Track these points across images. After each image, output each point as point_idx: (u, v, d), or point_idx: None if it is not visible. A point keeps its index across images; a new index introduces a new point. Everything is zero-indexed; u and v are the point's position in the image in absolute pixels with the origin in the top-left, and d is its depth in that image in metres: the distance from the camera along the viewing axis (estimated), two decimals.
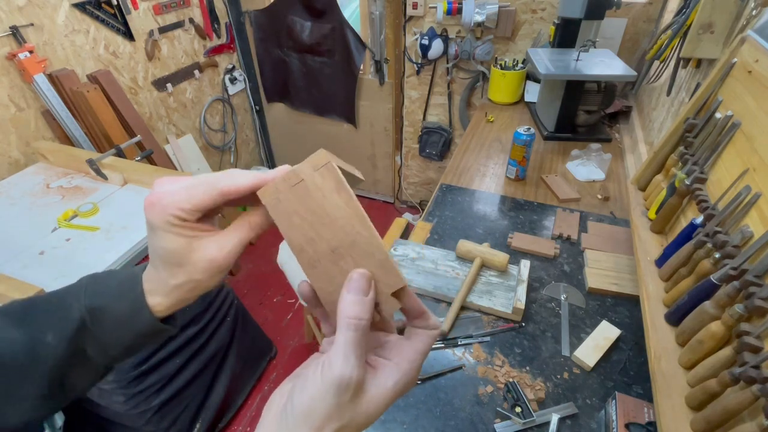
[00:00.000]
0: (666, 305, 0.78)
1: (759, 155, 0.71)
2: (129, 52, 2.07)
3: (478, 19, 2.03)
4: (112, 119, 1.90)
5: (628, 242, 1.20)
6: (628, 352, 0.94)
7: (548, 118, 1.80)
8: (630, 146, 1.68)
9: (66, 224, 1.35)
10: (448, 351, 0.95)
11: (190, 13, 2.34)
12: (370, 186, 3.09)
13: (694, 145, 0.89)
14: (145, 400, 1.33)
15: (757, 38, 0.81)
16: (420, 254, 1.16)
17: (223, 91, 2.72)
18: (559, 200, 1.42)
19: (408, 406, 0.85)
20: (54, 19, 1.75)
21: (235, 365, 1.68)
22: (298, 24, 2.48)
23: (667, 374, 0.68)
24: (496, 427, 0.81)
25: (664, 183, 0.97)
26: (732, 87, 0.85)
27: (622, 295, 1.07)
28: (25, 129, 1.73)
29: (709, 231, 0.72)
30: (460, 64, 2.31)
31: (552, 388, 0.88)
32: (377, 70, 2.48)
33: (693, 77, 1.27)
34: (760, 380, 0.51)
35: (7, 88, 1.64)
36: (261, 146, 3.20)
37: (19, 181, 1.57)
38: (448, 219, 1.35)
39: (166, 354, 1.38)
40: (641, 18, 1.90)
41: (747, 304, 0.58)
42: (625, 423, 0.76)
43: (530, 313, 1.03)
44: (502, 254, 1.08)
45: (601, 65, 1.63)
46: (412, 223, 1.32)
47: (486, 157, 1.69)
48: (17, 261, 1.22)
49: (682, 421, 0.62)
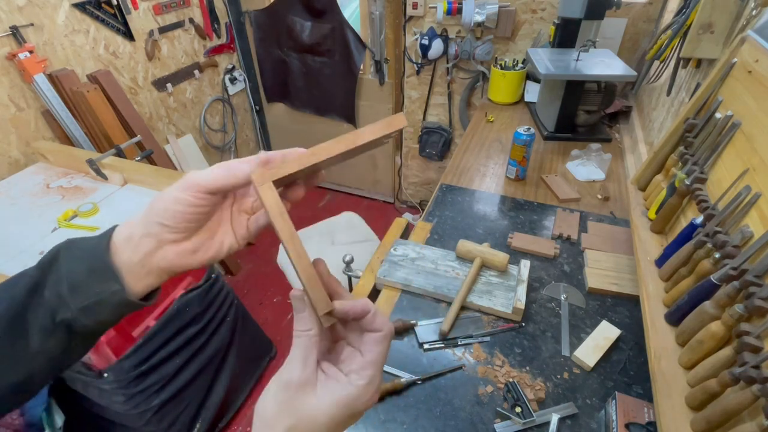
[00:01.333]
0: (666, 305, 0.78)
1: (759, 155, 0.71)
2: (129, 52, 2.07)
3: (478, 19, 2.03)
4: (112, 119, 1.90)
5: (628, 242, 1.20)
6: (628, 352, 0.94)
7: (548, 118, 1.80)
8: (630, 146, 1.68)
9: (66, 224, 1.35)
10: (448, 351, 0.95)
11: (190, 13, 2.34)
12: (370, 186, 3.09)
13: (694, 145, 0.89)
14: (145, 400, 1.33)
15: (757, 38, 0.81)
16: (420, 254, 1.16)
17: (223, 91, 2.72)
18: (559, 200, 1.41)
19: (408, 406, 0.85)
20: (54, 19, 1.75)
21: (235, 365, 1.67)
22: (298, 24, 2.48)
23: (667, 374, 0.68)
24: (496, 427, 0.81)
25: (664, 183, 0.97)
26: (732, 87, 0.85)
27: (622, 295, 1.07)
28: (25, 129, 1.73)
29: (709, 231, 0.72)
30: (460, 64, 2.31)
31: (552, 388, 0.88)
32: (377, 70, 2.48)
33: (693, 77, 1.27)
34: (760, 380, 0.51)
35: (7, 88, 1.64)
36: (261, 146, 3.20)
37: (19, 181, 1.57)
38: (448, 219, 1.35)
39: (166, 354, 1.38)
40: (641, 18, 1.90)
41: (747, 304, 0.58)
42: (625, 423, 0.76)
43: (530, 313, 1.03)
44: (502, 254, 1.08)
45: (601, 65, 1.63)
46: (412, 223, 1.32)
47: (486, 157, 1.69)
48: (17, 261, 1.22)
49: (682, 421, 0.62)
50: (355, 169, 3.01)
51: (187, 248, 0.38)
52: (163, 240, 0.36)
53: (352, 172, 3.05)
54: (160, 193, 0.36)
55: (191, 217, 0.36)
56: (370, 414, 0.84)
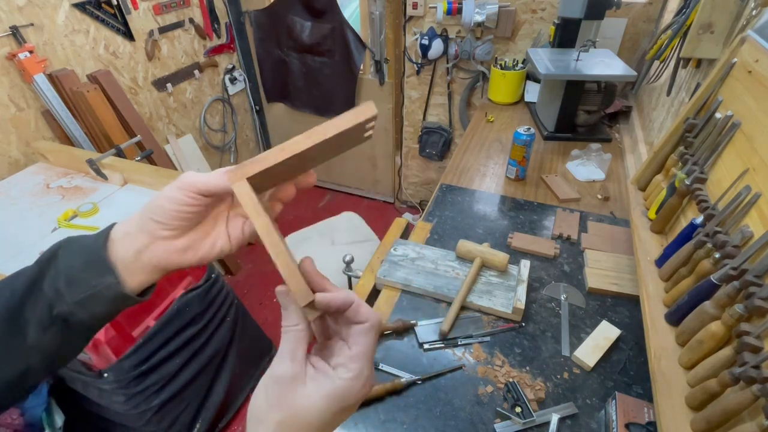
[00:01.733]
0: (666, 305, 0.78)
1: (759, 155, 0.71)
2: (129, 52, 2.07)
3: (478, 19, 2.03)
4: (112, 119, 1.90)
5: (628, 242, 1.20)
6: (628, 352, 0.94)
7: (548, 118, 1.80)
8: (630, 146, 1.68)
9: (66, 224, 1.35)
10: (448, 351, 0.95)
11: (190, 13, 2.34)
12: (370, 186, 3.09)
13: (694, 145, 0.89)
14: (145, 400, 1.33)
15: (757, 38, 0.81)
16: (420, 254, 1.16)
17: (223, 91, 2.72)
18: (559, 200, 1.41)
19: (408, 406, 0.85)
20: (54, 19, 1.75)
21: (235, 365, 1.67)
22: (298, 24, 2.48)
23: (667, 374, 0.68)
24: (496, 427, 0.81)
25: (664, 183, 0.97)
26: (732, 87, 0.85)
27: (622, 295, 1.07)
28: (25, 129, 1.73)
29: (709, 231, 0.72)
30: (460, 64, 2.31)
31: (552, 388, 0.88)
32: (377, 70, 2.48)
33: (693, 77, 1.27)
34: (760, 380, 0.51)
35: (7, 88, 1.64)
36: (261, 146, 3.20)
37: (19, 181, 1.57)
38: (448, 219, 1.35)
39: (166, 354, 1.38)
40: (641, 18, 1.90)
41: (747, 304, 0.58)
42: (625, 423, 0.76)
43: (530, 313, 1.03)
44: (502, 254, 1.08)
45: (601, 65, 1.63)
46: (412, 223, 1.32)
47: (486, 157, 1.69)
48: (17, 261, 1.22)
49: (682, 421, 0.62)
50: (355, 169, 3.02)
51: (178, 246, 0.38)
52: (155, 236, 0.37)
53: (352, 172, 3.05)
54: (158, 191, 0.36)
55: (184, 216, 0.37)
56: (370, 414, 0.84)
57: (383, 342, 0.97)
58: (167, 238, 0.37)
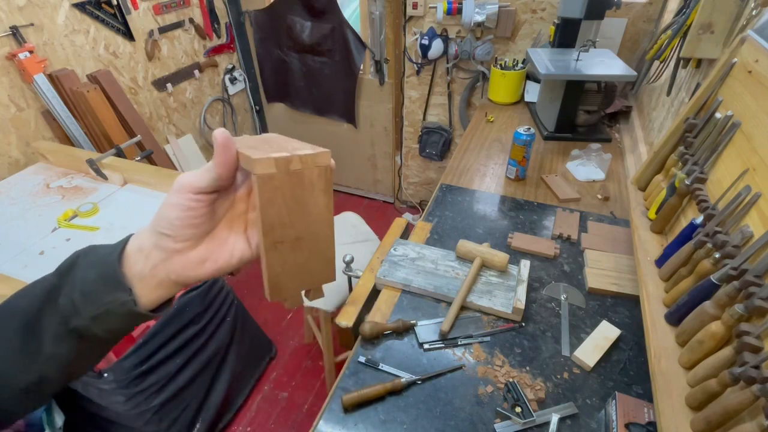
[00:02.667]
0: (666, 305, 0.78)
1: (759, 155, 0.71)
2: (129, 52, 2.07)
3: (478, 19, 2.03)
4: (112, 119, 1.90)
5: (628, 242, 1.20)
6: (628, 352, 0.94)
7: (548, 118, 1.80)
8: (630, 146, 1.68)
9: (66, 224, 1.35)
10: (448, 351, 0.95)
11: (190, 13, 2.34)
12: (370, 186, 3.09)
13: (694, 145, 0.89)
14: (145, 400, 1.33)
15: (757, 38, 0.81)
16: (420, 254, 1.16)
17: (223, 91, 2.72)
18: (559, 200, 1.41)
19: (408, 406, 0.85)
20: (54, 19, 1.75)
21: (235, 365, 1.68)
22: (298, 24, 2.48)
23: (667, 374, 0.68)
24: (496, 427, 0.81)
25: (664, 183, 0.97)
26: (732, 87, 0.85)
27: (622, 295, 1.07)
28: (25, 129, 1.73)
29: (709, 231, 0.72)
30: (460, 64, 2.31)
31: (552, 388, 0.88)
32: (377, 70, 2.48)
33: (693, 77, 1.27)
34: (760, 380, 0.51)
35: (7, 88, 1.64)
36: None
37: (19, 181, 1.57)
38: (448, 219, 1.35)
39: (166, 354, 1.38)
40: (641, 18, 1.90)
41: (747, 304, 0.58)
42: (625, 423, 0.76)
43: (530, 313, 1.03)
44: (502, 254, 1.08)
45: (601, 65, 1.63)
46: (412, 223, 1.32)
47: (486, 157, 1.69)
48: (17, 261, 1.22)
49: (682, 421, 0.62)
50: (355, 169, 3.02)
51: (194, 258, 0.37)
52: (168, 250, 0.35)
53: (352, 172, 3.05)
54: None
55: (189, 222, 0.35)
56: (370, 414, 0.84)
57: (383, 342, 0.97)
58: (181, 250, 0.36)
